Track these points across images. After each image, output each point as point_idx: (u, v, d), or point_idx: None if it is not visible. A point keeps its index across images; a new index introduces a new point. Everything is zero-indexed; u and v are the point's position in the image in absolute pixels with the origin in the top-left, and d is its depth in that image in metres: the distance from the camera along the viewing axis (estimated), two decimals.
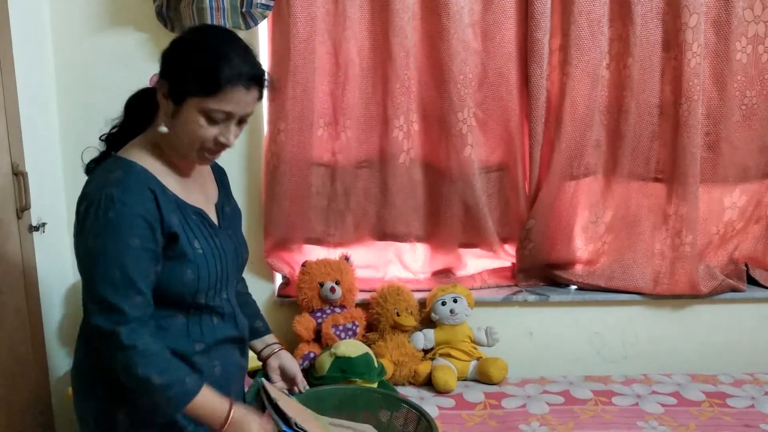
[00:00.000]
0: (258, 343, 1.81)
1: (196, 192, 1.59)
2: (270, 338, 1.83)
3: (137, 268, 1.41)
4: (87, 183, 1.48)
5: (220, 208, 1.65)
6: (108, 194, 1.39)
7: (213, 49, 1.44)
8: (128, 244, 1.40)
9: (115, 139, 1.61)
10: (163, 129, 1.48)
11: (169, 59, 1.48)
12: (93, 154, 1.63)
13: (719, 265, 2.84)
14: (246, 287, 1.85)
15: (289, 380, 1.81)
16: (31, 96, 2.34)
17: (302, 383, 1.82)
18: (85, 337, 1.55)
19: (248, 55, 1.49)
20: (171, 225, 1.46)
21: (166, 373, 1.41)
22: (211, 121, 1.45)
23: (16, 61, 2.22)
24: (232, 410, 1.47)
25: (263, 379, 1.74)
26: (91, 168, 1.57)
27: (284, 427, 1.57)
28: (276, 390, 1.70)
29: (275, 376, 1.80)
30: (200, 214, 1.55)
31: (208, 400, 1.46)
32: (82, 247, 1.42)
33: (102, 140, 1.64)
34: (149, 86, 1.60)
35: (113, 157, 1.51)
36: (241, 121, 1.50)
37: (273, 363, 1.80)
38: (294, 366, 1.81)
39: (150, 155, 1.51)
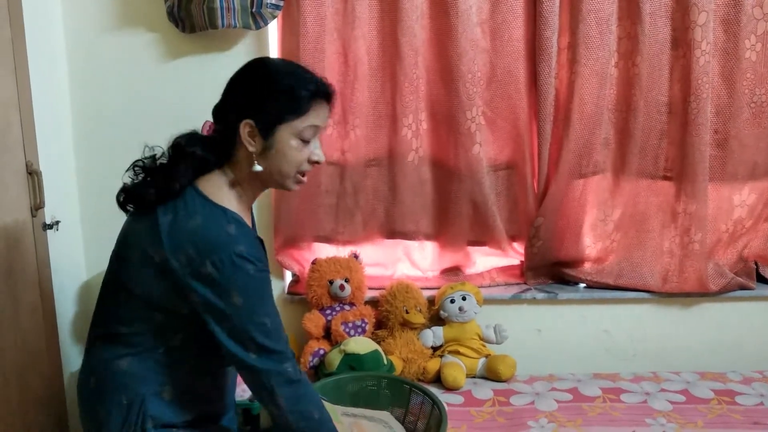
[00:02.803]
0: None
1: None
2: None
3: (277, 312, 1.55)
4: (191, 232, 1.48)
5: None
6: (239, 252, 1.46)
7: (287, 72, 1.55)
8: (268, 294, 1.54)
9: (159, 173, 1.60)
10: (258, 168, 1.55)
11: (244, 99, 1.54)
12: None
13: (728, 263, 2.84)
14: None
15: None
16: (44, 96, 2.37)
17: None
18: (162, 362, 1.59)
19: (311, 71, 1.59)
20: None
21: (323, 411, 1.62)
22: (304, 141, 1.56)
23: (30, 62, 2.25)
24: None
25: None
26: (147, 195, 1.55)
27: None
28: None
29: None
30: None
31: None
32: (224, 301, 1.47)
33: (137, 171, 1.63)
34: (202, 134, 1.65)
35: (207, 201, 1.53)
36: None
37: None
38: None
39: (235, 196, 1.59)
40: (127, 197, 1.60)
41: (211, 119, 1.64)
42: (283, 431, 1.58)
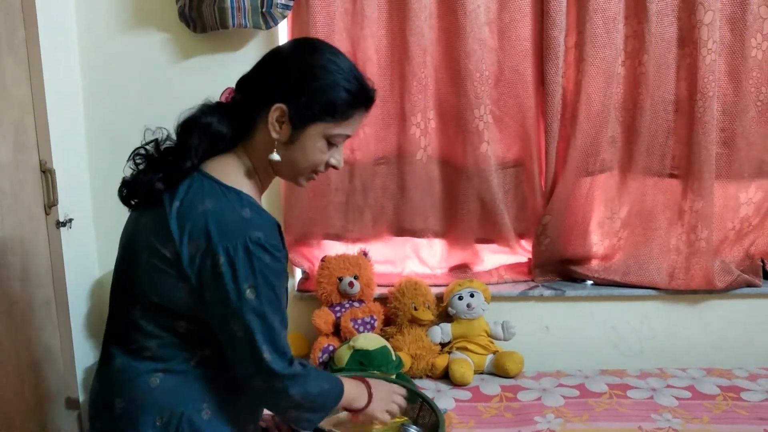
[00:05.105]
0: None
1: None
2: None
3: (285, 304, 1.43)
4: (201, 217, 1.34)
5: None
6: (255, 239, 1.33)
7: (340, 69, 1.41)
8: (283, 288, 1.41)
9: (171, 154, 1.46)
10: (276, 157, 1.42)
11: (285, 80, 1.40)
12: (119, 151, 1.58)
13: (735, 261, 2.85)
14: None
15: None
16: (58, 96, 2.40)
17: None
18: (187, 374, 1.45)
19: (362, 74, 1.46)
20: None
21: (329, 377, 1.56)
22: (331, 145, 1.45)
23: (44, 62, 2.28)
24: (371, 384, 1.66)
25: None
26: (153, 183, 1.40)
27: None
28: None
29: None
30: None
31: (351, 387, 1.61)
32: (234, 295, 1.32)
33: (146, 153, 1.49)
34: (221, 101, 1.52)
35: (218, 183, 1.40)
36: None
37: None
38: None
39: (248, 181, 1.46)
40: (129, 190, 1.46)
41: (231, 86, 1.51)
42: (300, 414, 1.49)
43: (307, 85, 1.39)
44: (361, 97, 1.44)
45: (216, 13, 2.45)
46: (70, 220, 2.45)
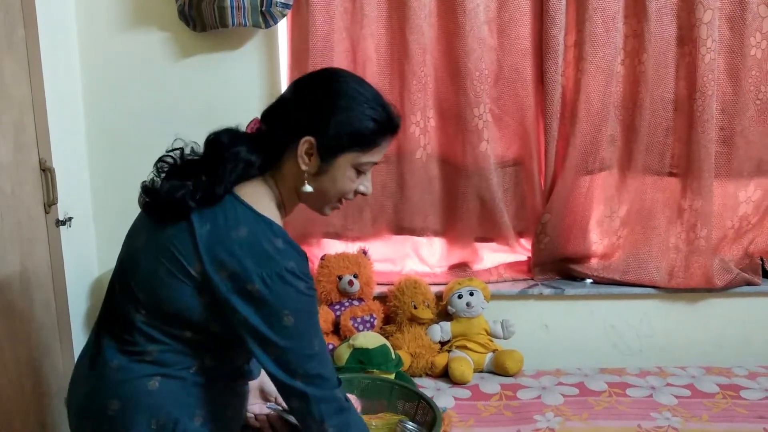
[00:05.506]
0: None
1: None
2: None
3: (322, 334, 1.45)
4: (236, 244, 1.34)
5: None
6: (290, 269, 1.34)
7: (366, 100, 1.43)
8: (315, 313, 1.43)
9: (186, 170, 1.47)
10: (308, 189, 1.44)
11: (312, 113, 1.41)
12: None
13: (734, 259, 2.85)
14: None
15: (265, 398, 1.77)
16: (57, 94, 2.40)
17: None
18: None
19: (387, 102, 1.48)
20: None
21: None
22: (360, 173, 1.47)
23: (44, 61, 2.28)
24: None
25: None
26: (186, 202, 1.38)
27: None
28: None
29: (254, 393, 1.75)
30: None
31: None
32: (270, 323, 1.34)
33: (165, 168, 1.50)
34: (246, 131, 1.52)
35: (251, 210, 1.40)
36: None
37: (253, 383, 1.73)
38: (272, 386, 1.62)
39: (276, 211, 1.47)
40: (154, 200, 1.44)
41: (257, 117, 1.52)
42: None
43: (334, 117, 1.40)
44: (388, 125, 1.45)
45: (216, 12, 2.45)
46: (70, 219, 2.45)
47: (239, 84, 2.65)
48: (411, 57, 2.58)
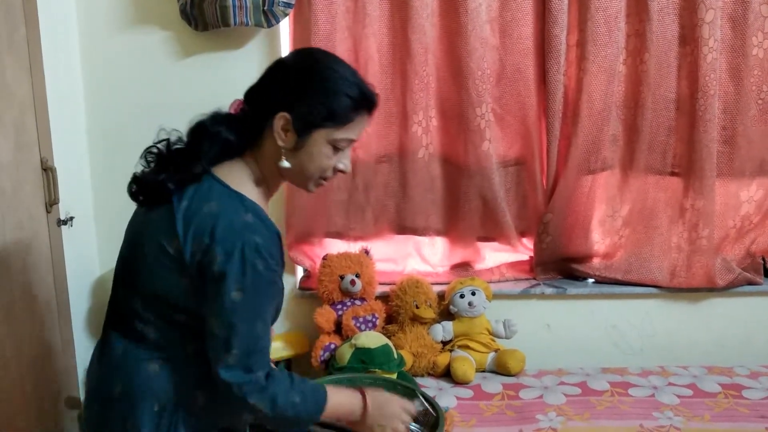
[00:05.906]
0: None
1: None
2: None
3: (270, 315, 1.46)
4: (206, 218, 1.38)
5: None
6: (252, 244, 1.37)
7: (339, 77, 1.45)
8: (270, 295, 1.44)
9: (177, 157, 1.50)
10: (285, 164, 1.47)
11: (287, 89, 1.45)
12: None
13: (736, 259, 2.85)
14: None
15: None
16: (59, 94, 2.40)
17: None
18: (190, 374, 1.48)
19: (362, 79, 1.50)
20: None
21: (303, 390, 1.48)
22: (336, 150, 1.49)
23: (45, 61, 2.28)
24: (367, 397, 1.58)
25: None
26: (165, 184, 1.44)
27: None
28: None
29: None
30: None
31: (338, 401, 1.54)
32: (222, 294, 1.36)
33: (154, 154, 1.53)
34: (230, 112, 1.57)
35: (225, 187, 1.45)
36: None
37: None
38: None
39: (255, 188, 1.51)
40: (140, 188, 1.50)
41: (240, 99, 1.56)
42: (274, 423, 1.51)
43: (307, 93, 1.44)
44: (362, 101, 1.48)
45: (217, 11, 2.45)
46: (71, 218, 2.45)
47: (241, 83, 2.59)
48: (413, 56, 2.58)
